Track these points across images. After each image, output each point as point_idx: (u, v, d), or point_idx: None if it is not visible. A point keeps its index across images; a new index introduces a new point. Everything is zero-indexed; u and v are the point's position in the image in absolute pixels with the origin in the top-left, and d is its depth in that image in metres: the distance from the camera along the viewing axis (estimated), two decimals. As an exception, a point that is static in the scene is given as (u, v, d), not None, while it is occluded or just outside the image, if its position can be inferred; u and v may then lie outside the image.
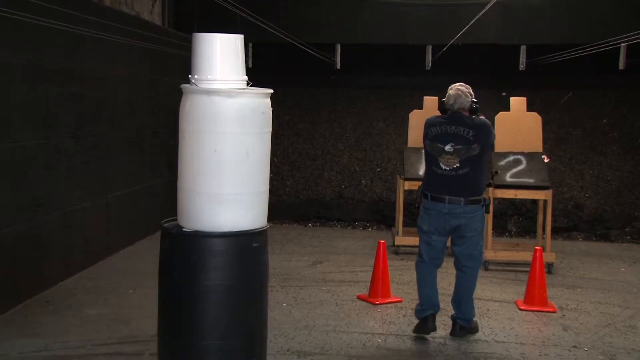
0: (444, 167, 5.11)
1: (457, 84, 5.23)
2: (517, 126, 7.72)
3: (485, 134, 5.14)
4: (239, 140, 3.96)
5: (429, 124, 5.28)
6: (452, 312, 5.49)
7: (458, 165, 5.07)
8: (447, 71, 10.33)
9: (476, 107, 5.19)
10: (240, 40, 4.08)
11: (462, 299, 5.35)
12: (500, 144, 7.64)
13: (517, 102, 7.89)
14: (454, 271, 5.45)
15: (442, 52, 9.80)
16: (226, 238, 3.99)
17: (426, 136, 5.25)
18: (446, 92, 5.27)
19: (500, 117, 7.79)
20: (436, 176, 5.15)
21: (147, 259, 7.12)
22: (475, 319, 5.47)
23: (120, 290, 6.34)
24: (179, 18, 10.11)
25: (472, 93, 5.21)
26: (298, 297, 6.34)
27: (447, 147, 5.07)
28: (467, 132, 5.07)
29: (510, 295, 6.56)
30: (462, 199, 5.07)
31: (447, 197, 5.09)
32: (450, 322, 5.45)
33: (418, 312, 5.40)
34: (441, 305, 5.50)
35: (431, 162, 5.21)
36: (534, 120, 7.78)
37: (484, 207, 5.19)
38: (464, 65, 10.37)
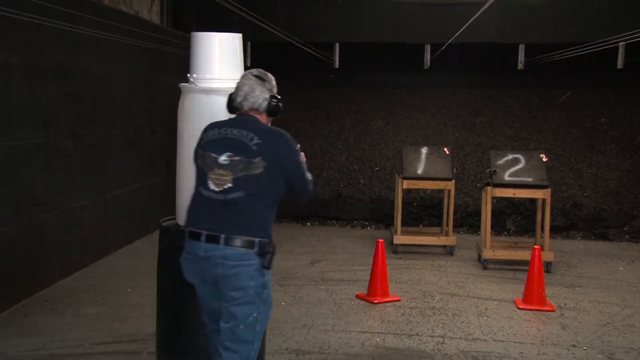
0: (212, 187, 3.43)
1: (255, 70, 3.66)
2: None
3: (278, 148, 3.47)
4: (237, 139, 3.95)
5: (207, 127, 3.62)
6: None
7: (230, 185, 3.39)
8: (446, 70, 10.36)
9: (277, 106, 3.63)
10: (239, 39, 4.09)
11: None
12: None
13: None
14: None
15: (440, 51, 9.80)
16: (225, 237, 3.99)
17: (199, 143, 3.60)
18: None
19: None
20: (200, 201, 3.49)
21: (145, 258, 7.11)
22: None
23: (119, 290, 6.33)
24: (177, 17, 10.10)
25: (273, 84, 3.66)
26: (297, 296, 6.34)
27: (222, 158, 3.44)
28: (251, 139, 3.44)
29: (508, 294, 6.56)
30: (224, 236, 3.35)
31: (204, 233, 3.39)
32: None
33: None
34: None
35: (199, 180, 3.53)
36: None
37: (264, 259, 3.38)
38: (462, 65, 10.37)
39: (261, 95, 3.55)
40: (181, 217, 4.11)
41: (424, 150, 8.16)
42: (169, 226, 4.16)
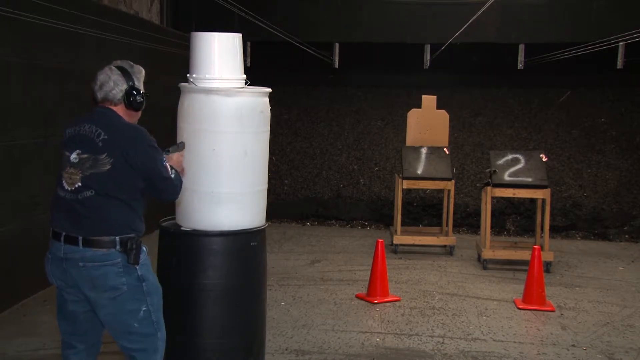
0: (65, 186, 3.36)
1: (121, 61, 3.50)
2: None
3: (125, 143, 3.31)
4: (237, 139, 3.97)
5: (69, 124, 3.51)
6: None
7: (80, 184, 3.31)
8: (446, 70, 10.37)
9: (135, 98, 3.45)
10: (239, 39, 4.09)
11: None
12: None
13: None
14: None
15: (440, 51, 9.80)
16: (224, 237, 4.00)
17: (61, 141, 3.49)
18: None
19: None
20: (58, 201, 3.43)
21: (145, 258, 7.10)
22: None
23: (119, 289, 6.32)
24: (177, 17, 10.11)
25: (138, 76, 3.48)
26: (296, 296, 6.34)
27: (73, 157, 3.34)
28: (98, 135, 3.32)
29: (508, 294, 6.56)
30: (82, 237, 3.31)
31: (63, 234, 3.39)
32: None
33: None
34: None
35: (57, 180, 3.44)
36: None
37: (128, 256, 3.31)
38: (462, 64, 10.38)
39: (116, 86, 3.38)
40: (181, 217, 4.12)
41: (424, 150, 8.17)
42: (168, 226, 4.16)
